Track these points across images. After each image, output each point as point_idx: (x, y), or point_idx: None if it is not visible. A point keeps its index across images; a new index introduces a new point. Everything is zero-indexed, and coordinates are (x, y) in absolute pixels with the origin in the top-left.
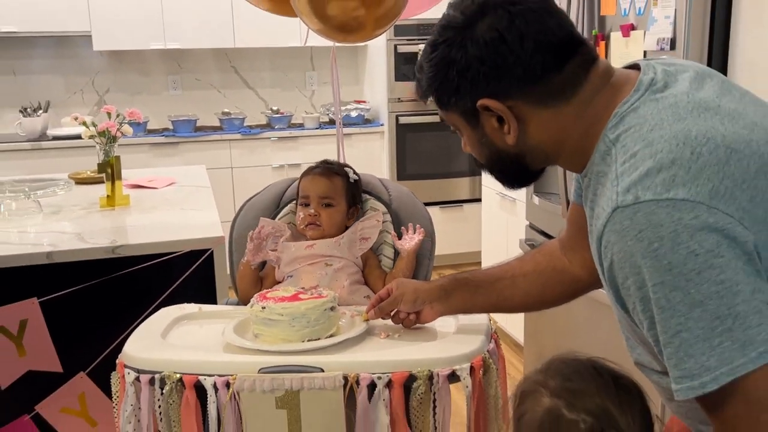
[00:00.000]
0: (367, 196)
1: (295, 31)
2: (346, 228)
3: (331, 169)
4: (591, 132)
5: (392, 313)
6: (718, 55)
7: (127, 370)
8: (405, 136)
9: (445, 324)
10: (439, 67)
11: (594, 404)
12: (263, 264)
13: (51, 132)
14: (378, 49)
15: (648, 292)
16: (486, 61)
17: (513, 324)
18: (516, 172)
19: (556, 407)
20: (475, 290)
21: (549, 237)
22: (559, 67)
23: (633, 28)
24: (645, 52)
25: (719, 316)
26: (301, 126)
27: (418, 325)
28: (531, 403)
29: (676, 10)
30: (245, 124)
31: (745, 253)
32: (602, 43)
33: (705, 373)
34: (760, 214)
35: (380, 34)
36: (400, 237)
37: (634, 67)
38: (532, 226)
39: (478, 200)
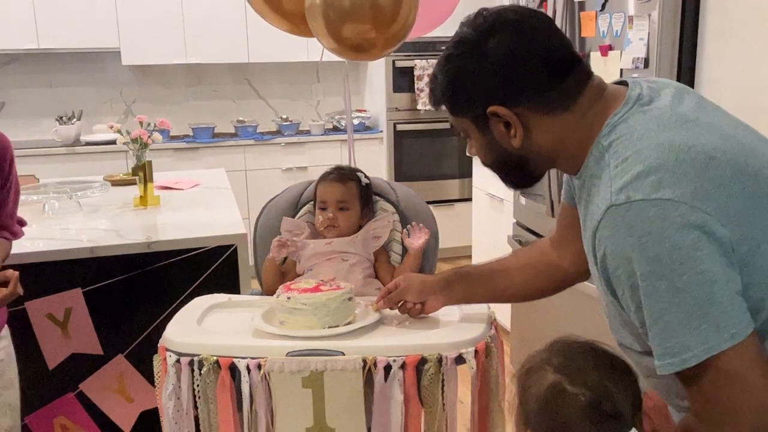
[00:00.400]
0: (377, 198)
1: (302, 48)
2: (360, 227)
3: (344, 175)
4: (586, 139)
5: (399, 304)
6: (686, 74)
7: (168, 353)
8: (402, 141)
9: (450, 313)
10: (454, 77)
11: (593, 380)
12: (284, 259)
13: (84, 138)
14: (377, 64)
15: (636, 280)
16: (497, 73)
17: (500, 312)
18: (518, 173)
19: (559, 382)
20: (475, 282)
21: (535, 234)
22: (561, 80)
23: (610, 48)
24: (621, 70)
25: (699, 302)
26: (307, 132)
27: (422, 315)
28: (536, 378)
29: (649, 33)
30: (258, 131)
31: (721, 247)
32: None
33: (685, 351)
34: (734, 213)
35: (388, 54)
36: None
37: (622, 83)
38: (519, 224)
39: (468, 200)
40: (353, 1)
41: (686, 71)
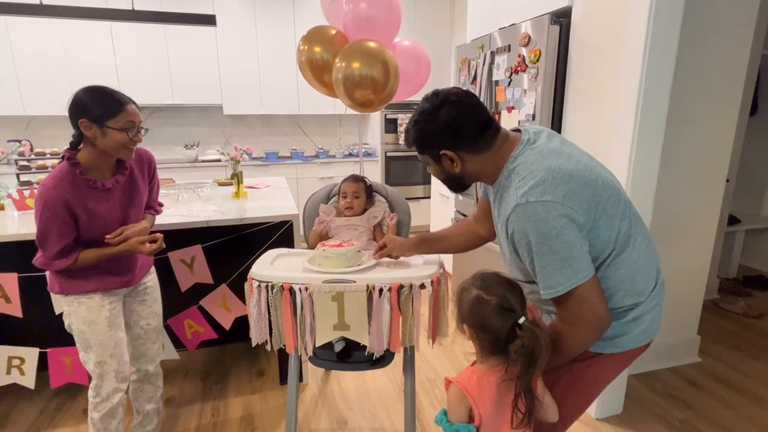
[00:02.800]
0: (375, 193)
1: (331, 105)
2: (365, 210)
3: (358, 178)
4: (498, 165)
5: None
6: (556, 123)
7: (254, 281)
8: (390, 162)
9: (416, 260)
10: (420, 132)
11: (499, 292)
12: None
13: (200, 158)
14: (375, 115)
15: (531, 246)
16: (446, 131)
17: (447, 261)
18: (458, 184)
19: (480, 293)
20: (432, 243)
21: (466, 216)
22: (483, 134)
23: (513, 108)
24: (519, 121)
25: (566, 258)
26: (334, 156)
27: (401, 259)
28: (467, 293)
29: (536, 99)
30: (304, 155)
31: (579, 228)
32: (496, 116)
33: (558, 286)
34: (584, 207)
35: (382, 108)
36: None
37: (517, 130)
38: (458, 211)
39: (428, 197)
40: (361, 77)
41: (557, 122)
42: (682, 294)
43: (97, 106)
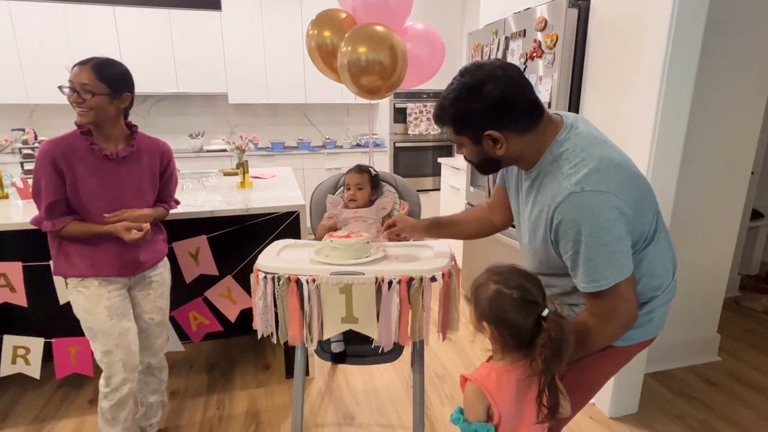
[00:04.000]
0: (385, 183)
1: (338, 94)
2: (372, 202)
3: (361, 168)
4: (540, 149)
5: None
6: (573, 111)
7: (260, 273)
8: (398, 153)
9: (427, 252)
10: (461, 110)
11: (518, 284)
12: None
13: (205, 147)
14: (384, 104)
15: (581, 237)
16: (492, 109)
17: (456, 253)
18: (492, 168)
19: (499, 287)
20: (443, 228)
21: None
22: (529, 113)
23: None
24: None
25: (613, 252)
26: (341, 147)
27: (411, 251)
28: (484, 289)
29: (552, 86)
30: (311, 145)
31: (627, 221)
32: None
33: (603, 279)
34: (633, 200)
35: (389, 95)
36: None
37: (556, 114)
38: (468, 203)
39: (438, 189)
40: (367, 62)
41: (573, 110)
42: (701, 291)
43: None
